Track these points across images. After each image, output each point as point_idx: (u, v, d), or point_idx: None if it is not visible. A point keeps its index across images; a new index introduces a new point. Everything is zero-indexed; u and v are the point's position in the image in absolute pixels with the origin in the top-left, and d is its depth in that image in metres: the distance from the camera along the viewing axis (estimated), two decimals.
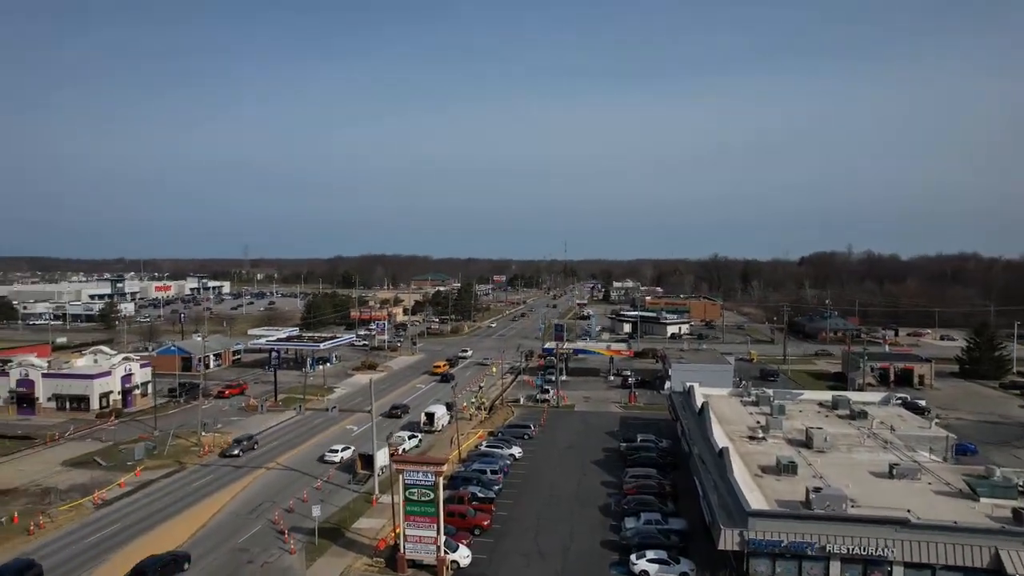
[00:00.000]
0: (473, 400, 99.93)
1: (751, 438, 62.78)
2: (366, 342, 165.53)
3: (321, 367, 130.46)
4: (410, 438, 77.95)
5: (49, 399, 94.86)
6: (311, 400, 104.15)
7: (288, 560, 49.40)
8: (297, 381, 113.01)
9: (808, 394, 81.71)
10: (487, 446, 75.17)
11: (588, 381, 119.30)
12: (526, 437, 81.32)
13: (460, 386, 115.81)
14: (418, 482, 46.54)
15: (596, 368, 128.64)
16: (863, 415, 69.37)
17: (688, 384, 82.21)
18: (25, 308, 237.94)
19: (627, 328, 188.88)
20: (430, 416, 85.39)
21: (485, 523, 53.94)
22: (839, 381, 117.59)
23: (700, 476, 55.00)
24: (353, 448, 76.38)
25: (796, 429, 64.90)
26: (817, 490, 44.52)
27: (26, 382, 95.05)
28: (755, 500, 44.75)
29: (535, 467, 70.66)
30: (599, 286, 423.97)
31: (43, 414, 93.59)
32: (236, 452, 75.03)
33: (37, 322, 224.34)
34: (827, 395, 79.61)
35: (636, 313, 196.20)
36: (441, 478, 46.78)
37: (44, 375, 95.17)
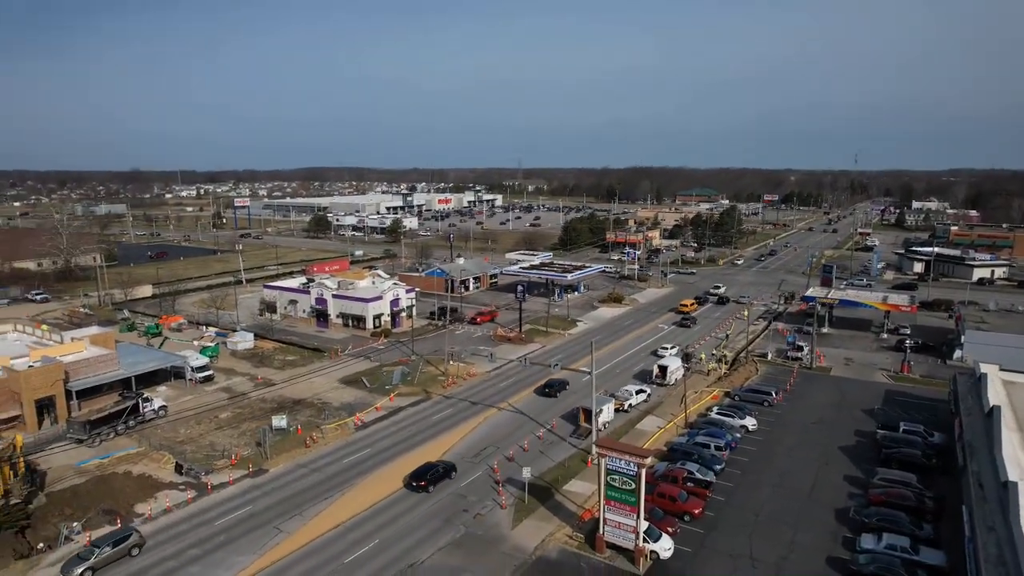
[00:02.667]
0: (714, 352, 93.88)
1: None
2: (617, 270, 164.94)
3: (568, 296, 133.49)
4: (637, 392, 76.10)
5: (337, 316, 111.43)
6: (553, 334, 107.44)
7: (498, 515, 52.06)
8: (544, 311, 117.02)
9: None
10: (718, 412, 70.24)
11: (854, 337, 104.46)
12: (766, 404, 74.30)
13: (705, 331, 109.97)
14: (620, 469, 44.87)
15: (867, 320, 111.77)
16: None
17: (982, 366, 66.95)
18: (337, 220, 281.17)
19: (918, 267, 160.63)
20: (663, 369, 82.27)
21: (696, 511, 50.75)
22: None
23: (971, 507, 44.76)
24: (679, 348, 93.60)
25: None
26: None
27: (322, 300, 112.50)
28: None
29: (769, 445, 64.37)
30: (892, 207, 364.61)
31: (333, 329, 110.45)
32: (80, 572, 43.91)
33: (345, 234, 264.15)
34: None
35: (931, 249, 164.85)
36: (644, 470, 44.44)
37: (334, 295, 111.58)
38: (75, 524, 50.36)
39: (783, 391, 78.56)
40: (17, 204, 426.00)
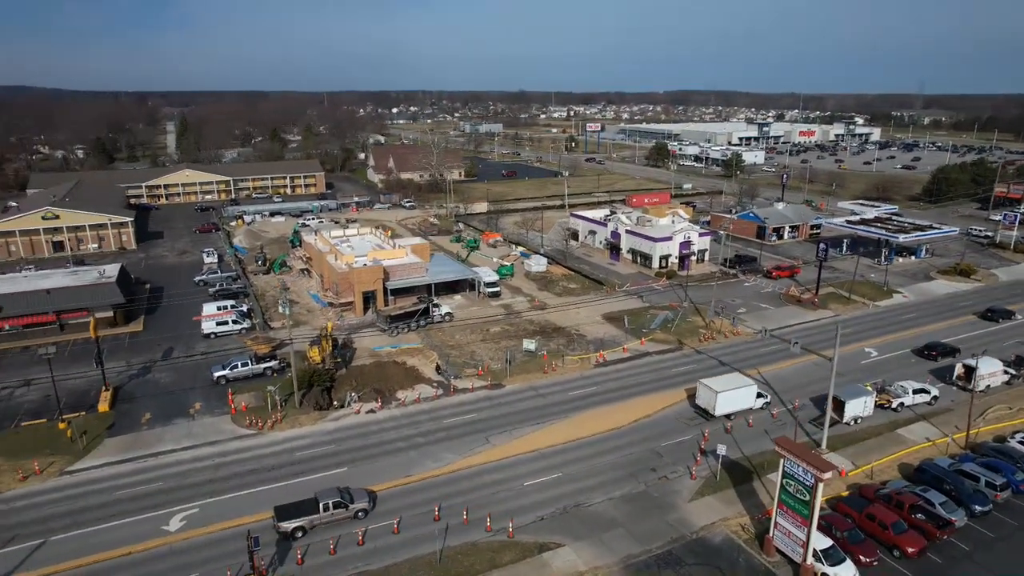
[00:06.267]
0: None
1: None
2: (988, 234, 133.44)
3: (898, 260, 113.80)
4: (917, 392, 63.62)
5: (628, 252, 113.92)
6: (856, 303, 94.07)
7: (683, 484, 51.02)
8: (860, 274, 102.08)
9: None
10: (1022, 440, 55.43)
11: None
12: None
13: None
14: (797, 476, 40.17)
15: None
16: None
17: None
18: (680, 150, 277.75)
19: None
20: (968, 369, 66.80)
21: (911, 549, 42.57)
22: None
23: None
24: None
25: None
26: None
27: (616, 234, 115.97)
28: None
29: None
30: None
31: (623, 263, 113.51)
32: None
33: (684, 163, 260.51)
34: None
35: None
36: (822, 485, 38.98)
37: (627, 231, 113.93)
38: (354, 394, 64.62)
39: None
40: (428, 121, 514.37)
